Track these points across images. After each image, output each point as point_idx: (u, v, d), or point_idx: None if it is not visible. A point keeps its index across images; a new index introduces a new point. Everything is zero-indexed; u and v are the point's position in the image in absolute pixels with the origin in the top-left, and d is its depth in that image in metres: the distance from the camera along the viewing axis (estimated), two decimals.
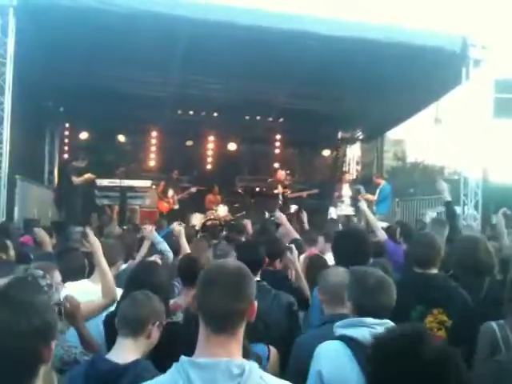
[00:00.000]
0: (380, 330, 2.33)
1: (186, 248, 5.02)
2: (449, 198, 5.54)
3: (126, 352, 2.54)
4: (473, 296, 3.41)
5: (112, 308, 3.31)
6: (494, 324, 2.82)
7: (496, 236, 6.11)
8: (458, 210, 10.37)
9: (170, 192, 13.19)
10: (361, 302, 2.50)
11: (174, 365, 1.67)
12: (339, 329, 2.44)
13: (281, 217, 6.33)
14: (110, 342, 2.84)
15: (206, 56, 9.25)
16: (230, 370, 1.62)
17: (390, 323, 2.39)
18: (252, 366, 1.67)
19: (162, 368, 2.26)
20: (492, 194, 11.79)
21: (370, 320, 2.38)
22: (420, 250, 3.41)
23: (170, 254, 5.17)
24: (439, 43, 9.16)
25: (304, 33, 8.55)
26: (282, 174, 12.91)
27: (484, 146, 10.39)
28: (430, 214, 11.94)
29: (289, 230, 5.97)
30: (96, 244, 3.56)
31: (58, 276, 3.15)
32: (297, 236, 5.75)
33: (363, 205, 5.91)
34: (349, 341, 2.34)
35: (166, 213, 12.57)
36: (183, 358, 1.66)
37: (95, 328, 3.28)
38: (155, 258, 4.45)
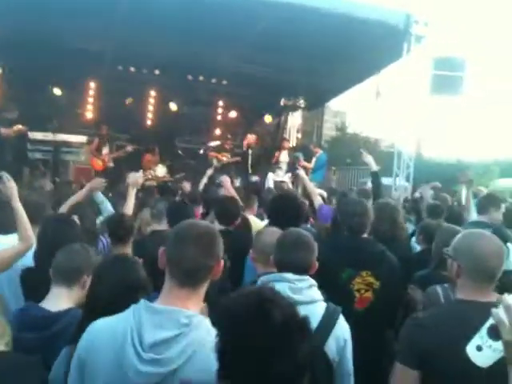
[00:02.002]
0: (300, 285, 2.46)
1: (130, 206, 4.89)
2: (375, 169, 5.75)
3: (59, 300, 2.55)
4: None
5: (29, 263, 3.26)
6: (438, 287, 3.00)
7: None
8: (390, 180, 10.80)
9: (105, 150, 12.85)
10: (279, 258, 2.63)
11: (132, 306, 1.78)
12: (262, 284, 2.54)
13: (226, 180, 6.35)
14: (28, 297, 2.84)
15: (151, 11, 8.95)
16: (178, 318, 1.71)
17: (309, 280, 2.52)
18: (203, 319, 1.75)
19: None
20: (424, 167, 12.31)
21: (290, 275, 2.50)
22: (354, 218, 3.54)
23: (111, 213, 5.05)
24: (383, 17, 9.32)
25: None
26: (252, 138, 12.85)
27: (419, 121, 10.76)
28: (383, 182, 12.30)
29: (231, 194, 5.94)
30: (12, 187, 3.49)
31: None
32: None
33: (302, 172, 6.07)
34: None
35: (100, 171, 12.27)
36: (142, 301, 1.77)
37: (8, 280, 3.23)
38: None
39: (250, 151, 12.65)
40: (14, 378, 1.47)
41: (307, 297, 2.48)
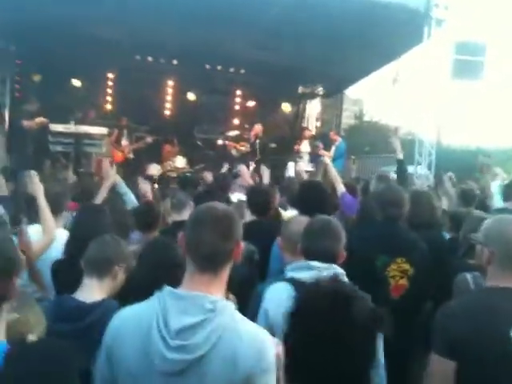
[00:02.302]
0: (327, 273, 2.44)
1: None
2: (401, 156, 5.68)
3: (91, 292, 2.58)
4: None
5: (58, 255, 3.30)
6: (467, 275, 2.97)
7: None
8: (412, 169, 10.68)
9: (124, 141, 12.94)
10: (305, 246, 2.62)
11: (156, 293, 1.77)
12: (288, 272, 2.56)
13: (243, 170, 6.33)
14: (58, 289, 2.87)
15: (166, 1, 8.92)
16: (203, 303, 1.71)
17: (337, 268, 2.50)
18: (227, 304, 1.75)
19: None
20: (445, 154, 12.15)
21: (316, 263, 2.49)
22: (391, 208, 3.51)
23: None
24: (404, 1, 9.16)
25: None
26: (259, 128, 12.79)
27: (439, 107, 10.61)
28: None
29: (250, 184, 5.92)
30: (38, 185, 3.63)
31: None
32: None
33: (327, 159, 6.01)
34: (294, 282, 2.44)
35: (120, 162, 12.36)
36: (166, 287, 1.76)
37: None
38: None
39: (257, 141, 12.55)
40: (51, 362, 1.48)
41: None
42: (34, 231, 3.55)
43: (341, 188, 5.51)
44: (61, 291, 2.73)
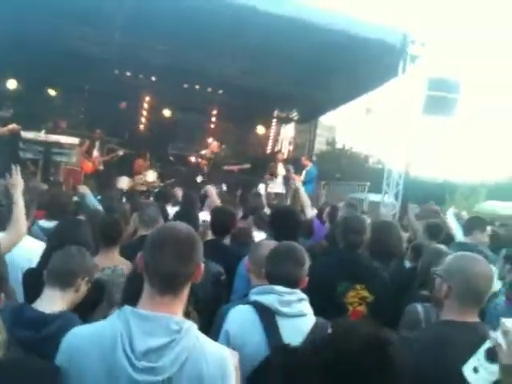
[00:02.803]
0: (289, 298, 2.49)
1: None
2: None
3: (52, 303, 2.55)
4: None
5: (32, 264, 3.26)
6: (418, 306, 3.04)
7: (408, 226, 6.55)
8: (379, 197, 10.90)
9: (95, 152, 12.85)
10: (268, 269, 2.66)
11: (116, 312, 1.74)
12: (252, 295, 2.58)
13: (210, 190, 6.34)
14: (29, 297, 2.83)
15: (151, 17, 8.96)
16: (168, 325, 1.70)
17: (299, 293, 2.55)
18: (191, 325, 1.75)
19: (85, 322, 2.29)
20: (412, 185, 12.42)
21: (279, 288, 2.52)
22: (352, 235, 3.60)
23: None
24: (381, 36, 9.37)
25: (247, 7, 8.43)
26: (215, 145, 12.98)
27: (410, 140, 10.86)
28: (371, 198, 12.40)
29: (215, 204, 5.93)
30: (17, 180, 3.53)
31: None
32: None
33: (299, 183, 6.12)
34: (257, 306, 2.48)
35: (89, 173, 12.25)
36: (126, 307, 1.72)
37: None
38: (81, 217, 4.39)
39: (212, 157, 12.78)
40: None
41: (296, 310, 2.50)
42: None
43: (309, 212, 5.62)
44: (31, 301, 2.69)
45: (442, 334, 2.32)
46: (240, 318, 2.49)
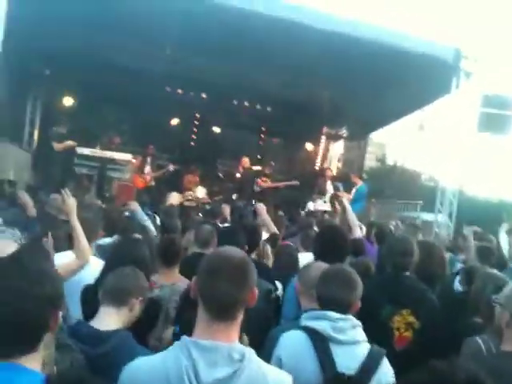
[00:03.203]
0: (342, 324, 2.42)
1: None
2: None
3: (107, 321, 2.58)
4: None
5: (90, 281, 3.29)
6: (478, 339, 2.89)
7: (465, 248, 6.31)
8: (432, 217, 10.60)
9: (147, 168, 13.12)
10: (320, 294, 2.58)
11: (177, 343, 1.73)
12: (304, 320, 2.51)
13: (260, 208, 6.09)
14: (86, 314, 2.87)
15: (201, 36, 9.15)
16: (231, 354, 1.69)
17: (353, 320, 2.47)
18: (251, 353, 1.74)
19: (140, 341, 2.28)
20: (467, 204, 12.05)
21: (332, 314, 2.45)
22: (399, 257, 3.47)
23: (153, 232, 5.13)
24: (433, 52, 9.32)
25: (300, 25, 8.53)
26: (246, 160, 12.89)
27: (463, 158, 10.58)
28: (424, 217, 12.14)
29: (267, 223, 5.75)
30: (72, 205, 3.54)
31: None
32: (275, 230, 5.64)
33: (346, 202, 5.94)
34: (310, 332, 2.41)
35: (141, 189, 12.51)
36: (186, 338, 1.72)
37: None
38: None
39: (241, 172, 12.75)
40: None
41: (350, 337, 2.42)
42: (64, 257, 3.55)
43: (357, 232, 5.48)
44: (88, 316, 2.73)
45: (503, 366, 2.21)
46: (293, 344, 2.43)
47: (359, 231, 5.63)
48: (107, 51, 10.94)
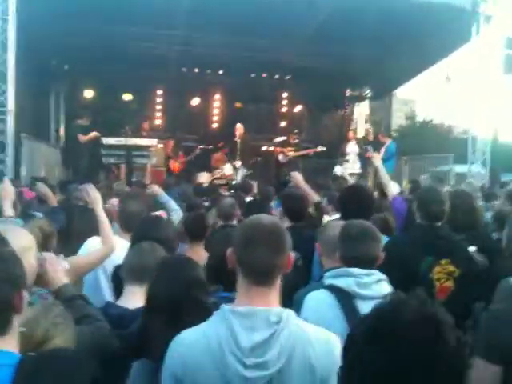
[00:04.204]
0: (367, 280, 2.39)
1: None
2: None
3: (134, 299, 2.61)
4: None
5: (119, 261, 3.36)
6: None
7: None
8: (465, 168, 10.38)
9: (180, 152, 13.26)
10: (344, 252, 2.55)
11: (216, 313, 1.78)
12: (327, 279, 2.50)
13: (296, 176, 5.68)
14: (118, 293, 2.92)
15: (211, 12, 9.10)
16: (268, 317, 1.71)
17: (377, 273, 2.43)
18: (289, 313, 1.76)
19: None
20: (501, 152, 11.73)
21: (356, 270, 2.42)
22: (431, 206, 3.40)
23: (179, 212, 5.18)
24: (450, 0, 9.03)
25: None
26: (239, 127, 12.47)
27: (493, 104, 10.28)
28: (457, 170, 11.93)
29: (306, 191, 5.26)
30: (97, 197, 3.60)
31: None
32: (317, 197, 5.33)
33: (377, 161, 5.78)
34: (334, 290, 2.40)
35: (176, 172, 12.66)
36: (224, 306, 1.76)
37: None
38: (160, 213, 4.47)
39: (238, 141, 12.39)
40: (63, 376, 1.49)
41: (375, 292, 2.39)
42: (94, 243, 3.65)
43: (391, 191, 5.36)
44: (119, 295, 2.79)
45: None
46: (317, 304, 2.43)
47: (394, 189, 5.50)
48: (121, 40, 10.98)
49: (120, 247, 3.52)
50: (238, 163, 12.06)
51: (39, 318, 1.80)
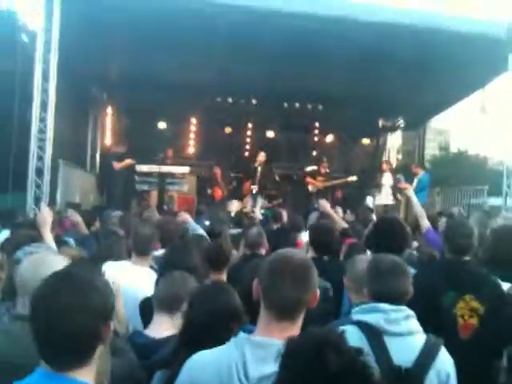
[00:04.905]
0: (396, 315, 2.35)
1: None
2: None
3: (162, 328, 2.64)
4: None
5: (148, 293, 3.37)
6: None
7: None
8: (500, 201, 10.14)
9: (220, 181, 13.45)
10: (373, 287, 2.51)
11: (232, 339, 1.78)
12: (355, 314, 2.46)
13: (325, 204, 5.87)
14: (146, 325, 2.94)
15: (246, 42, 9.23)
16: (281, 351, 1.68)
17: (406, 310, 2.39)
18: None
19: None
20: None
21: (384, 306, 2.38)
22: (456, 239, 3.34)
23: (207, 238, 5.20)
24: (484, 30, 9.06)
25: (344, 19, 8.48)
26: (261, 154, 12.47)
27: None
28: (491, 202, 11.69)
29: (334, 219, 5.55)
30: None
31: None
32: (344, 224, 5.50)
33: (410, 192, 5.71)
34: (362, 326, 2.36)
35: (220, 200, 12.82)
36: (242, 334, 1.77)
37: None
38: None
39: (259, 168, 12.31)
40: None
41: (404, 328, 2.35)
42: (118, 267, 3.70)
43: (425, 223, 5.26)
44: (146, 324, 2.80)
45: None
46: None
47: (427, 222, 5.42)
48: (158, 69, 11.22)
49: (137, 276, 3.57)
50: (255, 189, 12.05)
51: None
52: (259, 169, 12.26)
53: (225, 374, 1.68)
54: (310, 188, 12.86)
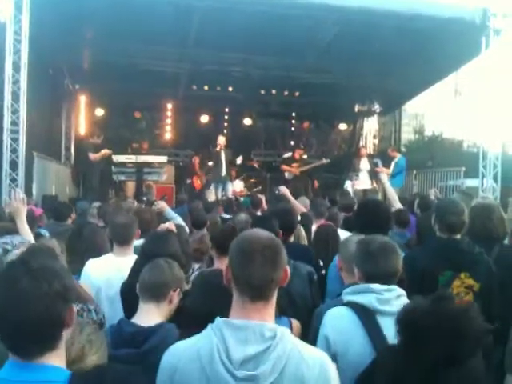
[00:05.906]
0: (388, 295, 2.36)
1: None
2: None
3: (149, 316, 2.59)
4: None
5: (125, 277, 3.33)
6: None
7: None
8: (477, 182, 10.30)
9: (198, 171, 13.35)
10: (364, 268, 2.50)
11: (209, 325, 1.74)
12: (347, 295, 2.46)
13: (284, 190, 6.32)
14: (128, 311, 2.89)
15: (220, 30, 9.15)
16: (262, 332, 1.68)
17: (397, 289, 2.40)
18: (284, 330, 1.72)
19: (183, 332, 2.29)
20: (510, 166, 11.63)
21: (377, 286, 2.38)
22: (448, 217, 3.35)
23: (186, 228, 5.17)
24: (458, 14, 9.08)
25: (320, 5, 8.42)
26: (222, 139, 12.34)
27: (503, 118, 10.25)
28: (468, 184, 11.86)
29: (293, 204, 5.93)
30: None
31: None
32: (303, 209, 5.78)
33: (384, 177, 5.85)
34: (355, 307, 2.36)
35: (198, 190, 12.70)
36: (219, 318, 1.73)
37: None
38: (169, 224, 4.40)
39: (222, 153, 12.19)
40: None
41: (396, 307, 2.36)
42: (96, 265, 3.63)
43: (397, 205, 5.37)
44: (129, 313, 2.75)
45: None
46: (338, 321, 2.39)
47: (400, 205, 5.53)
48: (129, 57, 11.06)
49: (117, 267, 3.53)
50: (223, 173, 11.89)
51: (74, 334, 1.79)
52: (223, 153, 12.06)
53: (206, 358, 1.66)
54: (287, 175, 12.87)
